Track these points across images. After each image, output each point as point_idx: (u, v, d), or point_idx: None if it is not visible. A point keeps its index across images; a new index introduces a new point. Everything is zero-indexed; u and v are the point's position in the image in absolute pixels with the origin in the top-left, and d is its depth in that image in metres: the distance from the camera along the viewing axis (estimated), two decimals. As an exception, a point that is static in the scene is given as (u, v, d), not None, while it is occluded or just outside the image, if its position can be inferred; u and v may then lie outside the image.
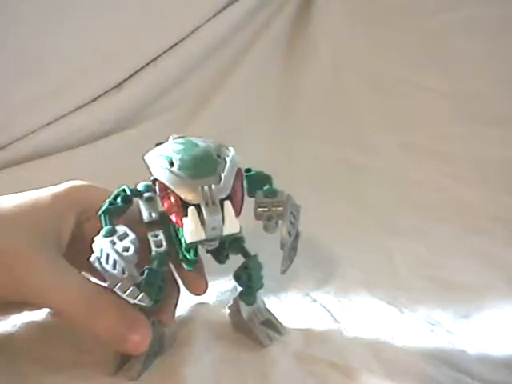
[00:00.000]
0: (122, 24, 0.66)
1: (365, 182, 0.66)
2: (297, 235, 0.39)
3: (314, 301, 0.46)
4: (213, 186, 0.34)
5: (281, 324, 0.42)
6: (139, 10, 0.67)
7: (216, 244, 0.36)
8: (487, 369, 0.38)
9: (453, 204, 0.62)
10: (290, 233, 0.37)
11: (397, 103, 0.72)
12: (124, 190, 0.39)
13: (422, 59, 0.73)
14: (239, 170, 0.37)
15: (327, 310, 0.44)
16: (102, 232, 0.36)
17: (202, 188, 0.34)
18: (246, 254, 0.40)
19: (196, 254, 0.37)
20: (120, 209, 0.38)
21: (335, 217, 0.59)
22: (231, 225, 0.34)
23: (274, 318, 0.42)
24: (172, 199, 0.35)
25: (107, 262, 0.35)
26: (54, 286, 0.37)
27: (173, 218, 0.36)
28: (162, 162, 0.36)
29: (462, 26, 0.72)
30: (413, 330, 0.43)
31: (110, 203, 0.38)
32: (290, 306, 0.46)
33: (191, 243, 0.35)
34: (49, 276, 0.37)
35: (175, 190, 0.35)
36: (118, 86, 0.67)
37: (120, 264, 0.34)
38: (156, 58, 0.69)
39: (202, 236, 0.34)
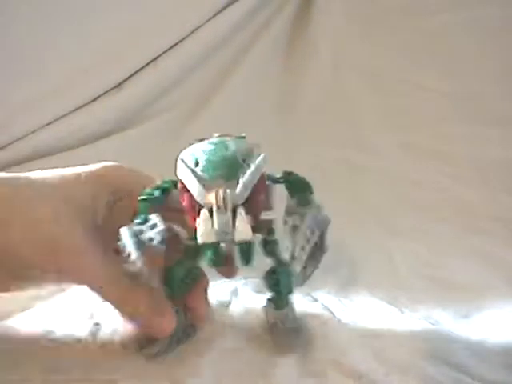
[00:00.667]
0: (122, 24, 0.66)
1: (365, 181, 0.66)
2: (319, 250, 0.38)
3: (316, 300, 0.46)
4: (228, 191, 0.34)
5: (306, 334, 0.41)
6: (139, 10, 0.67)
7: (233, 247, 0.36)
8: (487, 369, 0.38)
9: (453, 204, 0.62)
10: (303, 248, 0.36)
11: (397, 103, 0.72)
12: (165, 182, 0.39)
13: (422, 59, 0.73)
14: (262, 176, 0.37)
15: (328, 310, 0.44)
16: (137, 220, 0.37)
17: (217, 192, 0.34)
18: (276, 257, 0.39)
19: (214, 253, 0.37)
20: (156, 199, 0.38)
21: (335, 217, 0.59)
22: (242, 232, 0.34)
23: (301, 327, 0.41)
24: (188, 199, 0.36)
25: (126, 250, 0.36)
26: (89, 264, 0.38)
27: (188, 217, 0.36)
28: (189, 161, 0.36)
29: (462, 26, 0.73)
30: (413, 330, 0.43)
31: (149, 193, 0.38)
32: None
33: (203, 244, 0.35)
34: (86, 254, 0.38)
35: (191, 191, 0.35)
36: (118, 85, 0.67)
37: (133, 253, 0.35)
38: (156, 58, 0.69)
39: (213, 239, 0.34)
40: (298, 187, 0.39)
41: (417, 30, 0.74)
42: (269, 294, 0.41)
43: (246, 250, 0.38)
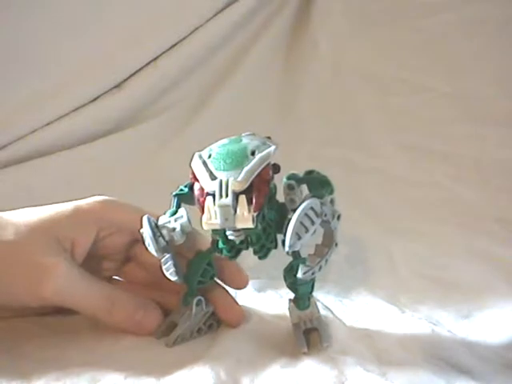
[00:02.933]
0: (122, 24, 0.66)
1: (364, 181, 0.66)
2: (325, 246, 0.38)
3: (316, 300, 0.46)
4: (229, 179, 0.35)
5: (327, 337, 0.40)
6: (139, 10, 0.67)
7: (242, 236, 0.37)
8: (488, 369, 0.38)
9: (453, 204, 0.62)
10: (290, 244, 0.36)
11: (397, 103, 0.72)
12: None
13: (422, 59, 0.73)
14: (267, 168, 0.37)
15: (329, 310, 0.44)
16: (168, 213, 0.40)
17: (221, 180, 0.35)
18: (295, 255, 0.39)
19: (224, 242, 0.39)
20: (185, 194, 0.40)
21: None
22: (242, 219, 0.35)
23: (323, 329, 0.41)
24: (198, 188, 0.37)
25: (144, 238, 0.39)
26: (75, 289, 0.40)
27: (199, 206, 0.37)
28: (204, 154, 0.38)
29: (462, 25, 0.72)
30: (414, 330, 0.43)
31: (180, 189, 0.40)
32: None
33: (214, 230, 0.37)
34: (70, 280, 0.40)
35: (198, 178, 0.37)
36: (118, 85, 0.67)
37: (148, 239, 0.38)
38: (156, 58, 0.69)
39: (216, 226, 0.36)
40: (316, 185, 0.40)
41: (417, 29, 0.74)
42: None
43: (256, 241, 0.39)
